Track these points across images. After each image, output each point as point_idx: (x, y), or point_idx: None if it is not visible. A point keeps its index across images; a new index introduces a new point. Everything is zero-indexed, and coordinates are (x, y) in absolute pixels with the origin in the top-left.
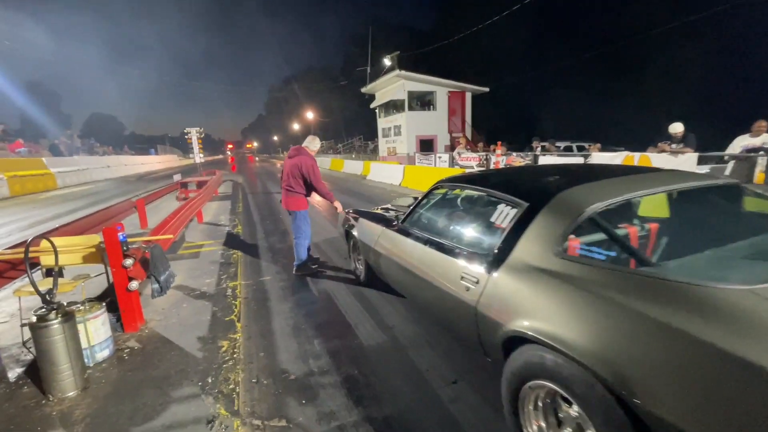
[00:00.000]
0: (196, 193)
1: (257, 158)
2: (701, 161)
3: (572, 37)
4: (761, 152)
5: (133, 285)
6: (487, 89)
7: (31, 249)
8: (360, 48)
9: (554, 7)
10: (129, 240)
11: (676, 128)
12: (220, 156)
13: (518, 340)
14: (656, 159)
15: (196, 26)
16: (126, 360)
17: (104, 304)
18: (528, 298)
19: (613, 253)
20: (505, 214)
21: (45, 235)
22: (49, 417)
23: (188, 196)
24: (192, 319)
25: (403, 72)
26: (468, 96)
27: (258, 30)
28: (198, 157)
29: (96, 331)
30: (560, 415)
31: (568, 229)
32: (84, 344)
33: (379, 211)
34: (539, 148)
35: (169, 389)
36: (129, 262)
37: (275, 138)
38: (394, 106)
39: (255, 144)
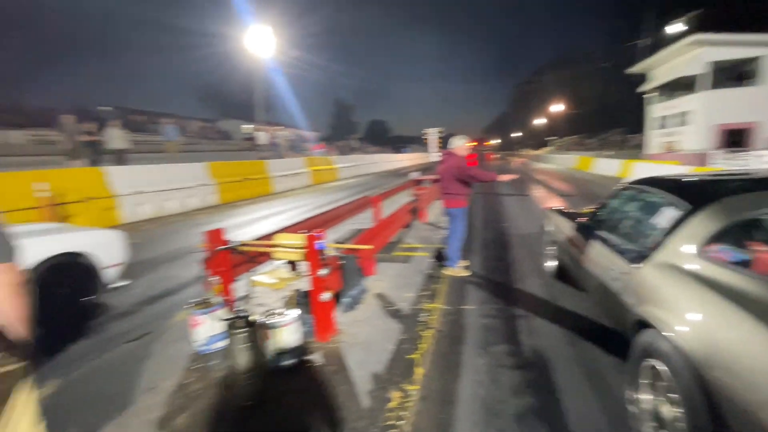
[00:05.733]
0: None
1: (495, 156)
2: None
3: None
4: None
5: (325, 296)
6: None
7: (268, 242)
8: (627, 21)
9: None
10: (337, 246)
11: None
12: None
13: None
14: None
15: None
16: (304, 375)
17: (297, 311)
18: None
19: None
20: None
21: (288, 229)
22: (221, 421)
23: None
24: (377, 345)
25: (705, 36)
26: None
27: (510, 23)
28: (434, 155)
29: (286, 339)
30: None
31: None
32: (274, 350)
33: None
34: None
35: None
36: (323, 272)
37: (514, 135)
38: (680, 86)
39: (494, 142)
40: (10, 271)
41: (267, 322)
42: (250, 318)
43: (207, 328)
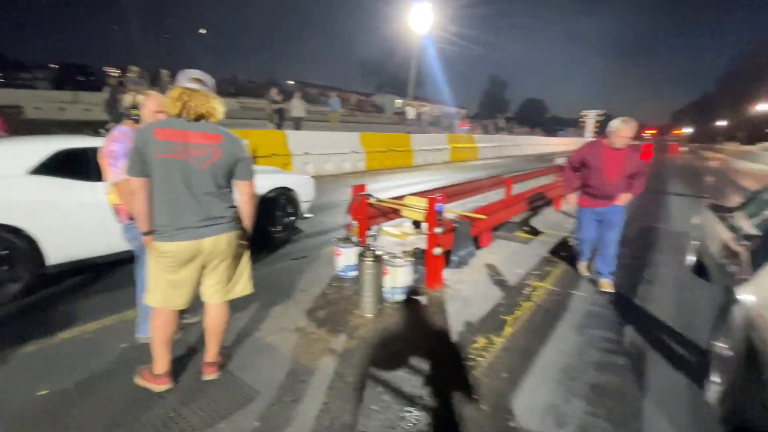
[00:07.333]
0: None
1: (684, 148)
2: None
3: None
4: None
5: (437, 251)
6: None
7: (398, 202)
8: None
9: None
10: (454, 212)
11: None
12: (636, 143)
13: None
14: None
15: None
16: (411, 308)
17: (412, 259)
18: None
19: None
20: None
21: (417, 194)
22: (347, 323)
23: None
24: (476, 302)
25: None
26: None
27: None
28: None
29: (400, 278)
30: None
31: None
32: (390, 284)
33: None
34: None
35: (414, 351)
36: (438, 230)
37: (719, 123)
38: None
39: (686, 131)
40: (250, 187)
41: (388, 260)
42: (377, 253)
43: (345, 259)
